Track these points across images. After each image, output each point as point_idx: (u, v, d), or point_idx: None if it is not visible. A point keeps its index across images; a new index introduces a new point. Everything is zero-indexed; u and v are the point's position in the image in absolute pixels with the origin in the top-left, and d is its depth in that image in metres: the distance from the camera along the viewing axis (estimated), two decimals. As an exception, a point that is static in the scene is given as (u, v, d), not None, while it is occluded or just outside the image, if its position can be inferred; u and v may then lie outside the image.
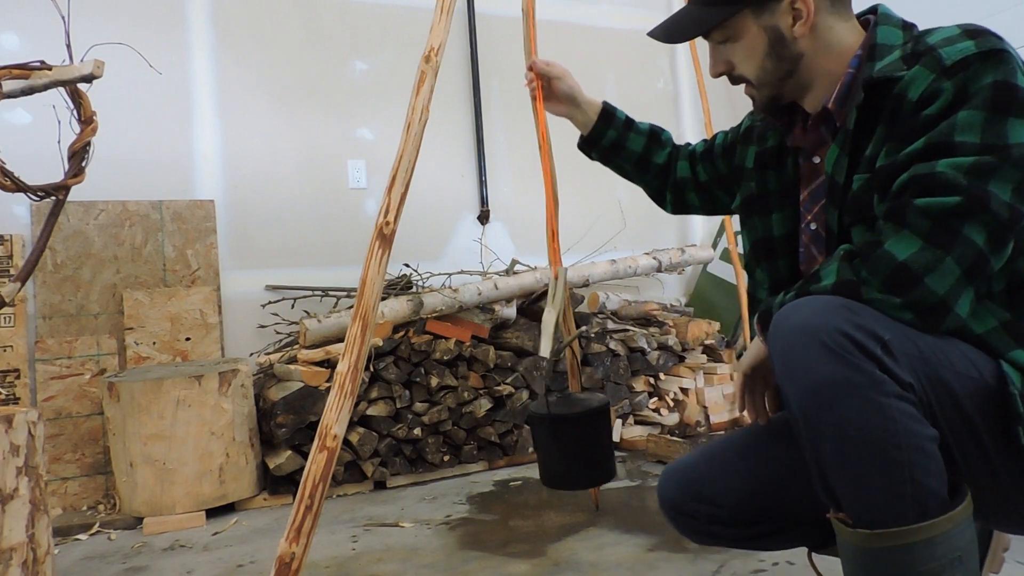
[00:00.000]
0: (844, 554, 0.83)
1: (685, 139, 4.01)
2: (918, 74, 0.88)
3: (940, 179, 0.83)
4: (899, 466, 0.76)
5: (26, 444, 1.49)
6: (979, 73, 0.84)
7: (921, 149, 0.86)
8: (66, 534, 2.28)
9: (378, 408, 2.55)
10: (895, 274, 0.83)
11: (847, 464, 0.78)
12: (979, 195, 0.81)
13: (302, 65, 3.19)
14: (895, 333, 0.80)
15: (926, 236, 0.83)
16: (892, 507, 0.77)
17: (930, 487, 0.77)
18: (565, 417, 1.21)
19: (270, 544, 2.08)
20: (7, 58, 1.75)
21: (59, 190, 1.67)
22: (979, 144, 0.82)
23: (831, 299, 0.82)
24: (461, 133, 3.47)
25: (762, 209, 1.15)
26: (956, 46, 0.86)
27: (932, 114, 0.86)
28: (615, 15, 3.88)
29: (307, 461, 1.32)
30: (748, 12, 1.00)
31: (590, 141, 1.46)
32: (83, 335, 2.71)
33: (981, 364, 0.85)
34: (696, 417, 3.08)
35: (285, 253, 3.11)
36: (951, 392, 0.82)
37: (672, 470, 1.15)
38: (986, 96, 0.83)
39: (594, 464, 1.25)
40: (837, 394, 0.76)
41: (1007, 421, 0.82)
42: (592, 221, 3.62)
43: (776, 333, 0.83)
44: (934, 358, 0.82)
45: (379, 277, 1.43)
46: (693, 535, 1.13)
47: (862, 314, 0.80)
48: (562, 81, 1.46)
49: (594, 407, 1.23)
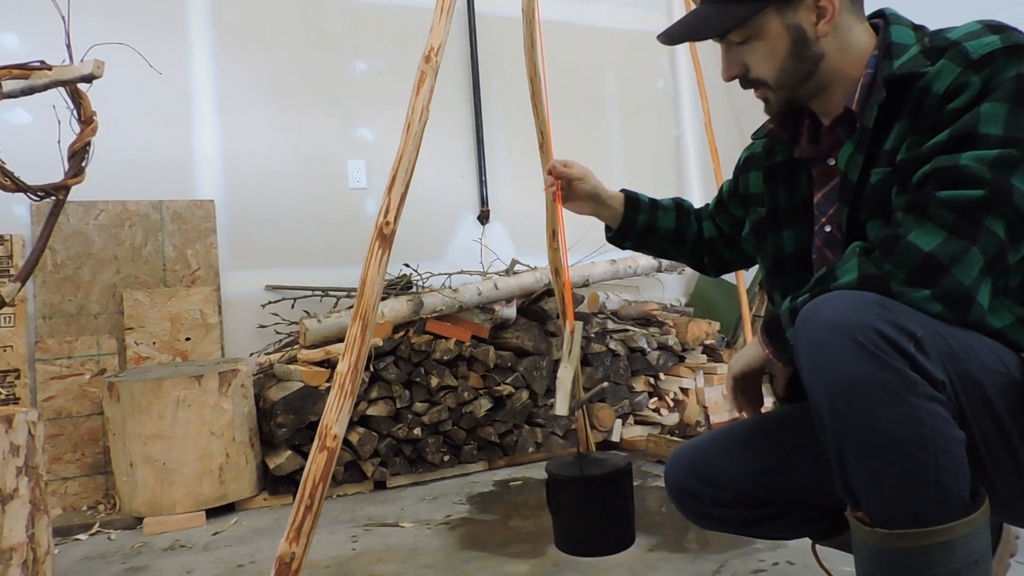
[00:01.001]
0: (859, 553, 0.82)
1: (685, 140, 4.01)
2: (944, 68, 0.88)
3: (964, 172, 0.83)
4: (925, 468, 0.75)
5: (26, 444, 1.49)
6: (1004, 67, 0.85)
7: (945, 141, 0.86)
8: (66, 534, 2.28)
9: (378, 408, 2.55)
10: (922, 265, 0.82)
11: (872, 463, 0.77)
12: (1002, 189, 0.82)
13: (302, 65, 3.19)
14: (927, 329, 0.79)
15: (950, 228, 0.82)
16: (914, 508, 0.76)
17: (954, 490, 0.76)
18: (596, 479, 1.16)
19: (270, 544, 2.08)
20: (7, 58, 1.75)
21: (59, 190, 1.67)
22: (1002, 136, 0.83)
23: (863, 294, 0.81)
24: (461, 133, 3.47)
25: (774, 227, 1.14)
26: (981, 40, 0.87)
27: (958, 107, 0.86)
28: (615, 15, 3.88)
29: (307, 461, 1.31)
30: (772, 10, 0.97)
31: (622, 232, 1.41)
32: (83, 335, 2.71)
33: (1007, 358, 0.85)
34: (696, 417, 3.08)
35: (285, 253, 3.11)
36: (980, 388, 0.82)
37: (680, 452, 1.16)
38: (1010, 88, 0.84)
39: (623, 528, 1.19)
40: (868, 393, 0.76)
41: None
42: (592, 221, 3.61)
43: (805, 327, 0.82)
44: (963, 353, 0.82)
45: (379, 277, 1.43)
46: (696, 517, 1.14)
47: (894, 309, 0.79)
48: (584, 182, 1.38)
49: (622, 467, 1.18)
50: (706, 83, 3.74)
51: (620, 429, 2.97)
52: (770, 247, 1.15)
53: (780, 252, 1.13)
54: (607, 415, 2.91)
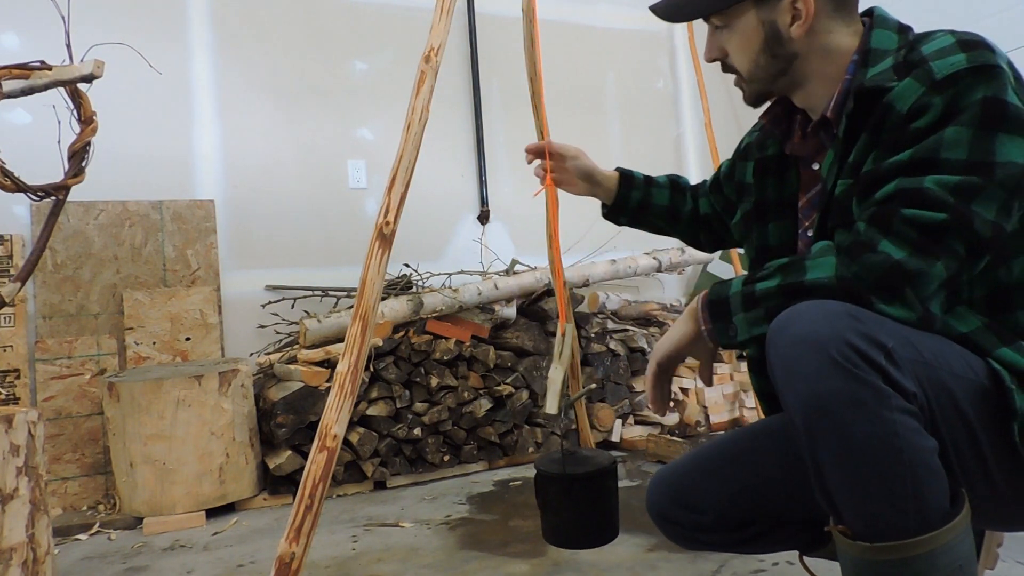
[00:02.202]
0: (844, 565, 0.83)
1: (685, 140, 4.01)
2: (908, 86, 0.87)
3: (928, 195, 0.83)
4: (902, 481, 0.75)
5: (26, 444, 1.49)
6: (969, 88, 0.84)
7: (907, 161, 0.86)
8: (66, 534, 2.28)
9: (378, 408, 2.55)
10: (890, 273, 0.83)
11: (849, 478, 0.77)
12: (964, 214, 0.82)
13: (302, 65, 3.19)
14: (897, 339, 0.79)
15: (914, 244, 0.83)
16: (894, 521, 0.76)
17: (933, 500, 0.77)
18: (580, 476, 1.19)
19: (270, 544, 2.08)
20: (7, 58, 1.75)
21: (59, 190, 1.67)
22: (965, 161, 0.83)
23: (834, 306, 0.81)
24: (461, 133, 3.47)
25: (759, 219, 1.15)
26: (948, 59, 0.86)
27: (921, 127, 0.86)
28: (615, 15, 3.88)
29: (307, 461, 1.32)
30: (751, 3, 1.00)
31: (616, 208, 1.44)
32: (83, 335, 2.71)
33: (975, 364, 0.85)
34: (696, 417, 3.08)
35: (285, 253, 3.11)
36: (951, 395, 0.82)
37: (659, 477, 1.14)
38: (975, 112, 0.83)
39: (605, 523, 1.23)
40: (842, 409, 0.76)
41: (1003, 419, 0.83)
42: (592, 221, 3.61)
43: (779, 341, 0.82)
44: (935, 361, 0.82)
45: (379, 277, 1.43)
46: (680, 541, 1.13)
47: (865, 320, 0.79)
48: (578, 160, 1.42)
49: (605, 466, 1.21)
50: (706, 83, 3.74)
51: (620, 429, 2.97)
52: (755, 238, 1.16)
53: (764, 244, 1.14)
54: (607, 415, 2.91)
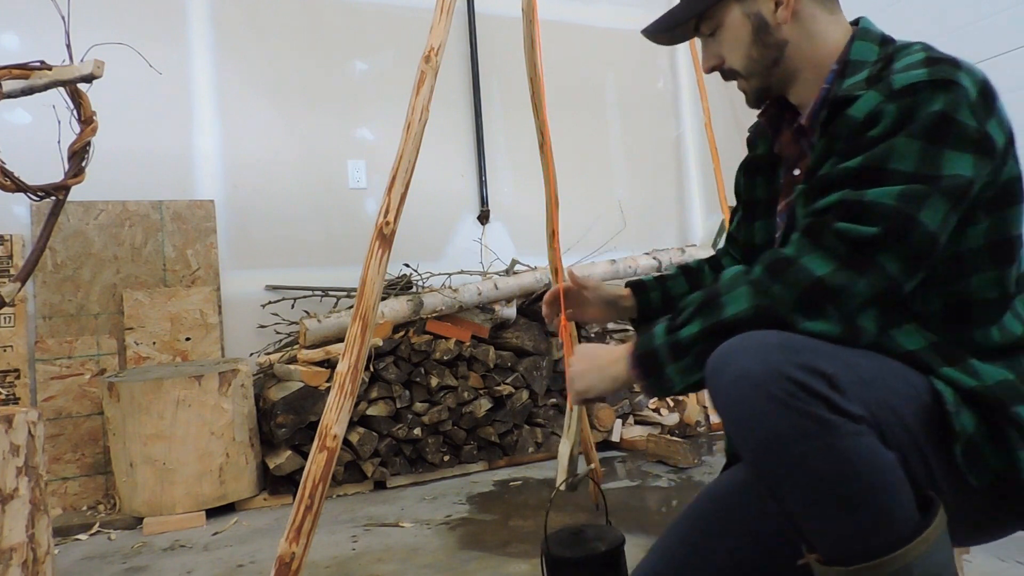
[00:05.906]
0: None
1: (685, 140, 4.01)
2: (868, 96, 0.89)
3: (867, 207, 0.83)
4: (864, 504, 0.75)
5: (26, 444, 1.49)
6: (928, 99, 0.84)
7: (856, 168, 0.86)
8: (66, 534, 2.28)
9: (378, 408, 2.55)
10: (811, 289, 0.83)
11: (812, 510, 0.77)
12: (900, 226, 0.82)
13: (302, 65, 3.19)
14: (836, 363, 0.79)
15: (842, 259, 0.83)
16: (864, 542, 0.76)
17: (900, 514, 0.76)
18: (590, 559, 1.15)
19: (270, 544, 2.08)
20: (7, 58, 1.75)
21: (59, 190, 1.67)
22: (912, 173, 0.83)
23: (764, 338, 0.80)
24: (461, 133, 3.47)
25: (749, 217, 1.16)
26: (910, 72, 0.87)
27: (874, 136, 0.86)
28: (615, 15, 3.88)
29: (307, 461, 1.32)
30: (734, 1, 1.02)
31: (643, 316, 1.40)
32: (83, 335, 2.71)
33: (916, 381, 0.85)
34: (696, 417, 3.08)
35: (285, 253, 3.11)
36: (895, 413, 0.82)
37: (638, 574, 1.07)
38: (925, 125, 0.83)
39: None
40: (791, 445, 0.75)
41: (946, 439, 0.83)
42: (592, 221, 3.63)
43: (715, 388, 0.81)
44: (877, 382, 0.82)
45: (379, 277, 1.43)
46: None
47: (800, 350, 0.78)
48: (597, 290, 1.38)
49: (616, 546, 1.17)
50: (706, 83, 3.74)
51: (620, 429, 2.97)
52: (743, 235, 1.18)
53: (750, 242, 1.15)
54: (607, 415, 2.91)
